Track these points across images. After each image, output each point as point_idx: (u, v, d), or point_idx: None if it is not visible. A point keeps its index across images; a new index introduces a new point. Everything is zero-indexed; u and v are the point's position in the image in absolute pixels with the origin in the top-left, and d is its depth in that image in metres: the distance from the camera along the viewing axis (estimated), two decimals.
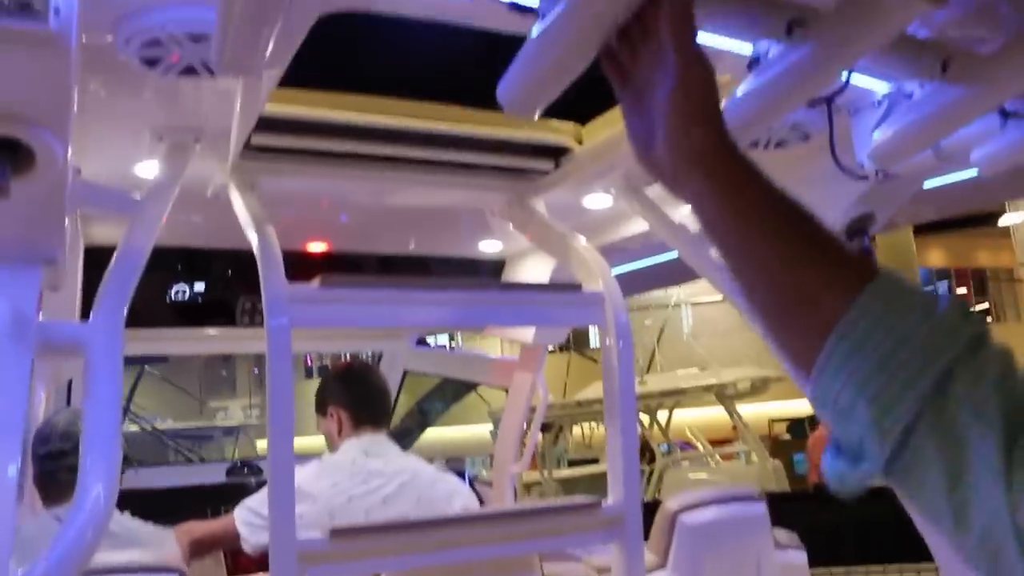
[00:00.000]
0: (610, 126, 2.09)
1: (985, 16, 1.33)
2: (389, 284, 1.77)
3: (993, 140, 1.37)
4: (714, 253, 0.78)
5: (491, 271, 3.12)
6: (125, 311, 1.55)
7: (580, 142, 2.19)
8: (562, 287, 1.97)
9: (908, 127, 1.22)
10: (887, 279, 0.64)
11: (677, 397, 10.62)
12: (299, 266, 2.89)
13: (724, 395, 10.07)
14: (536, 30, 0.84)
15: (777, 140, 1.88)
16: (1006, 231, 16.17)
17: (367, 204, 2.53)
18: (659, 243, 2.45)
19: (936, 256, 19.28)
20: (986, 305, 20.87)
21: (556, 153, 2.21)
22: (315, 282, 1.73)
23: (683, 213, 2.29)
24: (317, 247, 2.93)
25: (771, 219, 0.70)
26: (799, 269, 0.68)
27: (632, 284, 2.81)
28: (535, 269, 2.90)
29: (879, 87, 1.49)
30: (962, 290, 20.81)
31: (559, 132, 2.18)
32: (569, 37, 0.82)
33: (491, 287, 2.00)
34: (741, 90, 1.08)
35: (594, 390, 10.24)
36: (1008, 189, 3.18)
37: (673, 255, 2.38)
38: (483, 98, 2.23)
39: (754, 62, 1.04)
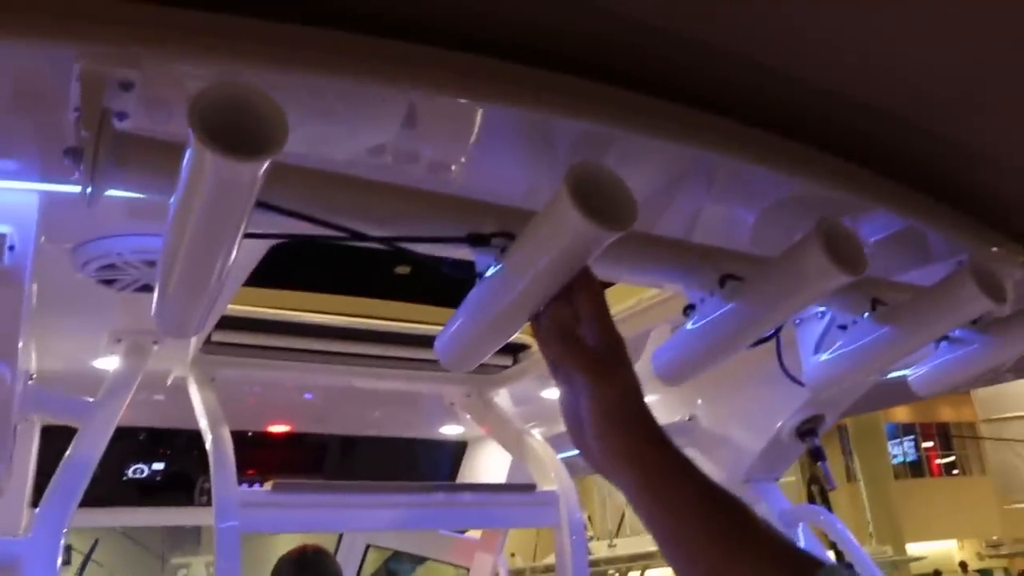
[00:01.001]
0: None
1: (906, 253, 1.41)
2: (340, 489, 1.76)
3: (928, 361, 1.42)
4: None
5: (455, 452, 3.11)
6: (67, 521, 1.52)
7: None
8: (516, 487, 1.98)
9: (843, 358, 1.27)
10: (834, 572, 0.66)
11: (647, 560, 10.39)
12: (260, 447, 2.88)
13: None
14: (472, 300, 0.88)
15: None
16: (967, 389, 16.37)
17: (329, 387, 2.54)
18: None
19: (902, 413, 19.41)
20: (952, 458, 20.92)
21: (514, 349, 2.26)
22: (267, 486, 1.73)
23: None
24: (279, 428, 2.92)
25: (703, 515, 0.73)
26: (736, 568, 0.70)
27: (581, 467, 2.81)
28: (497, 452, 2.89)
29: None
30: (928, 444, 20.88)
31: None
32: (503, 313, 0.86)
33: (443, 489, 2.00)
34: (677, 337, 1.13)
35: None
36: None
37: None
38: (444, 296, 2.31)
39: (689, 308, 1.09)
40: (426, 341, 2.18)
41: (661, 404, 2.38)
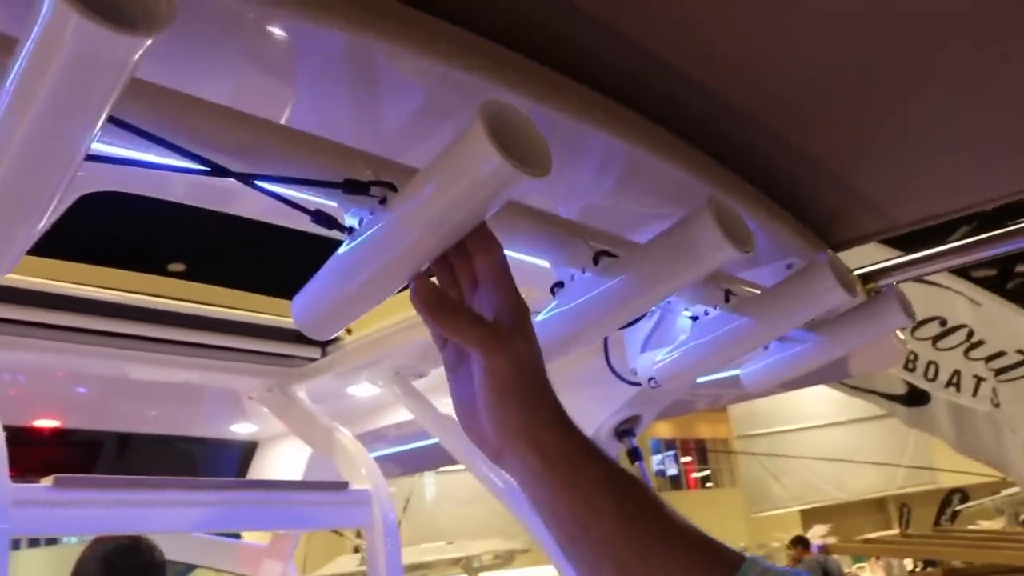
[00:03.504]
0: (380, 318, 2.04)
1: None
2: (134, 485, 1.55)
3: (758, 359, 1.44)
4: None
5: (242, 454, 2.89)
6: None
7: (349, 331, 2.12)
8: (327, 485, 1.84)
9: (697, 349, 1.26)
10: (752, 567, 0.60)
11: (424, 571, 10.33)
12: (25, 445, 2.54)
13: (471, 567, 9.92)
14: (344, 256, 0.78)
15: None
16: (723, 407, 17.60)
17: (105, 377, 2.27)
18: (421, 431, 2.39)
19: (664, 428, 20.55)
20: (708, 472, 22.40)
21: (324, 341, 2.12)
22: (46, 481, 1.49)
23: (448, 404, 2.26)
24: (47, 423, 2.60)
25: (614, 499, 0.65)
26: (656, 559, 0.63)
27: (387, 469, 2.71)
28: (291, 454, 2.71)
29: None
30: (687, 458, 22.24)
31: None
32: (381, 272, 0.75)
33: (251, 486, 1.83)
34: (543, 314, 1.06)
35: (339, 565, 9.70)
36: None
37: (434, 441, 2.32)
38: (249, 280, 2.13)
39: (558, 286, 1.03)
40: (223, 326, 2.02)
41: None
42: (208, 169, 0.71)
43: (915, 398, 5.20)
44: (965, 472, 10.92)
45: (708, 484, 22.43)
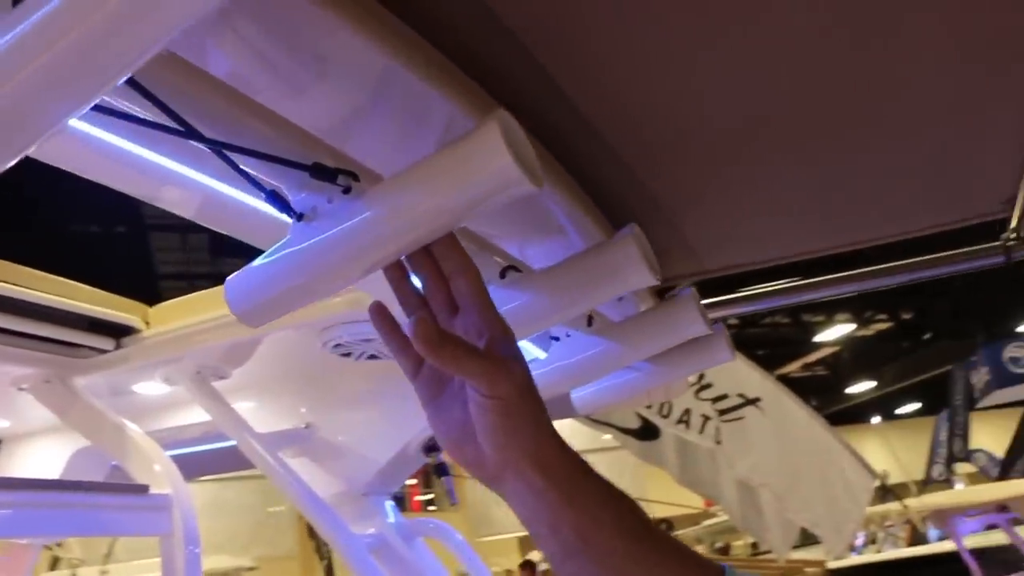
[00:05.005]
0: (184, 314, 1.94)
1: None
2: None
3: (596, 382, 1.52)
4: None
5: None
6: None
7: (148, 324, 1.98)
8: (126, 488, 1.70)
9: (557, 371, 1.30)
10: (732, 572, 0.65)
11: None
12: None
13: None
14: (306, 243, 0.75)
15: (371, 353, 1.89)
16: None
17: None
18: (209, 434, 2.27)
19: None
20: (432, 496, 22.69)
21: (118, 332, 1.96)
22: None
23: (246, 407, 2.18)
24: None
25: (615, 514, 0.68)
26: (656, 569, 0.67)
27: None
28: (44, 454, 2.47)
29: None
30: (412, 480, 22.38)
31: (126, 310, 1.96)
32: (345, 262, 0.73)
33: (41, 486, 1.64)
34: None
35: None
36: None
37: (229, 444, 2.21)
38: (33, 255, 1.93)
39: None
40: (7, 305, 1.81)
41: (270, 411, 2.24)
42: (183, 131, 0.67)
43: (647, 433, 5.58)
44: (672, 504, 11.87)
45: (431, 507, 22.70)
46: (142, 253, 12.33)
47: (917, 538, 10.02)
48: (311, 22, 0.73)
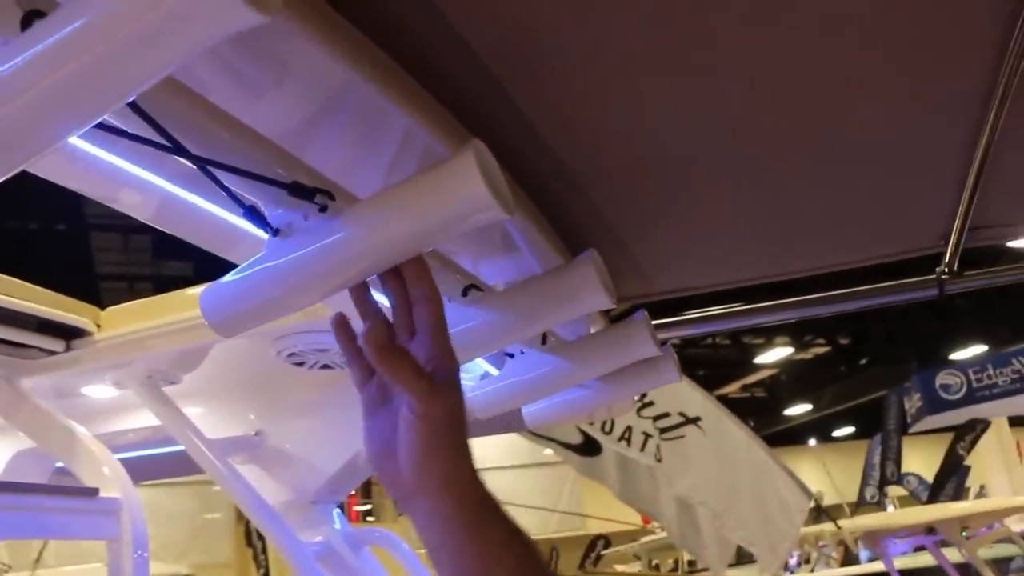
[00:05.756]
0: (136, 318, 1.94)
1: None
2: None
3: (546, 398, 1.56)
4: None
5: None
6: None
7: (99, 327, 1.97)
8: (73, 491, 1.69)
9: (513, 386, 1.34)
10: None
11: None
12: None
13: None
14: (282, 258, 0.78)
15: (325, 363, 1.91)
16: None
17: None
18: (158, 438, 2.26)
19: None
20: (370, 506, 22.53)
21: (69, 334, 1.95)
22: None
23: (195, 412, 2.18)
24: None
25: (517, 557, 0.72)
26: None
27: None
28: None
29: None
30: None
31: (76, 312, 1.95)
32: (319, 277, 0.77)
33: None
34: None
35: None
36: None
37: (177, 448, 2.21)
38: None
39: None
40: None
41: (220, 417, 2.24)
42: (171, 147, 0.70)
43: (589, 448, 5.62)
44: (610, 519, 11.96)
45: (370, 518, 22.53)
46: (85, 254, 12.09)
47: (849, 558, 10.22)
48: (289, 43, 0.77)
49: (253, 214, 0.80)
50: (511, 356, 1.35)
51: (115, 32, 0.52)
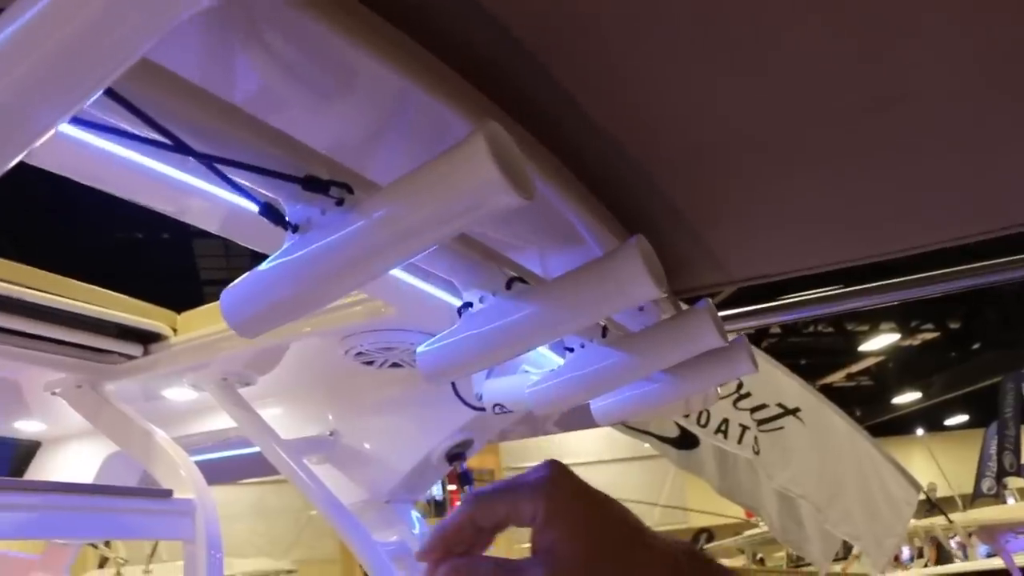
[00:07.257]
0: (211, 321, 1.96)
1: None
2: None
3: (613, 393, 1.50)
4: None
5: (21, 453, 2.64)
6: None
7: (175, 331, 2.01)
8: (150, 492, 1.72)
9: (573, 382, 1.29)
10: None
11: None
12: None
13: None
14: (299, 254, 0.75)
15: (394, 361, 1.89)
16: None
17: None
18: (236, 440, 2.29)
19: None
20: None
21: (147, 339, 1.99)
22: None
23: (271, 413, 2.19)
24: None
25: None
26: None
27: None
28: (79, 458, 2.51)
29: None
30: (453, 486, 22.44)
31: (154, 317, 1.99)
32: (340, 273, 0.73)
33: (66, 489, 1.66)
34: (450, 336, 1.04)
35: None
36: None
37: (253, 450, 2.23)
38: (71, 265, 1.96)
39: (465, 307, 1.03)
40: (35, 311, 1.84)
41: (295, 417, 2.25)
42: (170, 144, 0.67)
43: (686, 442, 5.51)
44: (713, 513, 11.74)
45: None
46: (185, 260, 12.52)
47: (943, 556, 9.79)
48: (321, 38, 0.74)
49: (269, 210, 0.77)
50: (571, 350, 1.30)
51: (77, 13, 0.49)
